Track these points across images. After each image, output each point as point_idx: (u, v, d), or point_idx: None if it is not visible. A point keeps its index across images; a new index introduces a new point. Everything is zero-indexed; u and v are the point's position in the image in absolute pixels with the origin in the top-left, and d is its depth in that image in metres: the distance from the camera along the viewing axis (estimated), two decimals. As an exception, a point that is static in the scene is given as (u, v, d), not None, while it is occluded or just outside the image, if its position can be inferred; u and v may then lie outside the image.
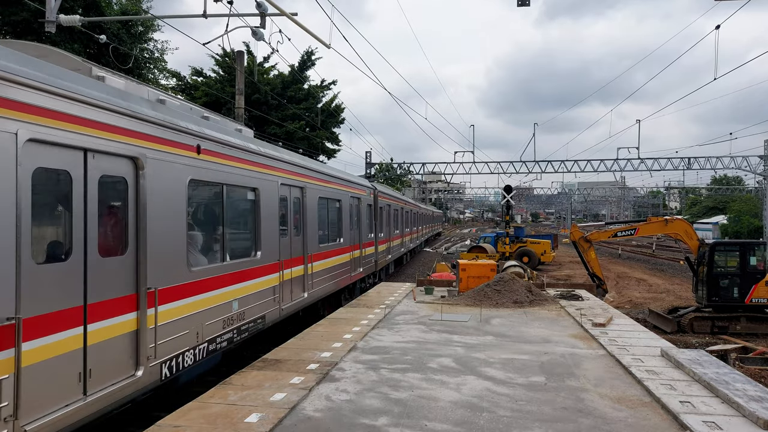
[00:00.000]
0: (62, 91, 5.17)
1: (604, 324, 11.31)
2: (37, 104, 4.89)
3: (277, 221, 10.63)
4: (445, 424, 6.00)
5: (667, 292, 25.55)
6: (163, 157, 6.78)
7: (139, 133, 6.31)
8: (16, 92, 4.68)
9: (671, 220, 20.29)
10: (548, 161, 47.39)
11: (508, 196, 31.33)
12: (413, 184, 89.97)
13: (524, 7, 16.23)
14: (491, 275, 15.61)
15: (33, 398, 4.81)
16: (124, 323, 6.11)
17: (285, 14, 13.08)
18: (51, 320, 5.06)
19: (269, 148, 10.82)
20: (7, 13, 20.40)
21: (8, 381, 4.53)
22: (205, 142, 7.82)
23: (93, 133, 5.57)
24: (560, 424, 6.05)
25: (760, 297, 16.82)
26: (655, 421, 6.17)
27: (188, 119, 7.62)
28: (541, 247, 35.90)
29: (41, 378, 4.92)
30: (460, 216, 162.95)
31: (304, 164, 12.62)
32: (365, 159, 47.84)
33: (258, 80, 32.00)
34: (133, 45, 24.03)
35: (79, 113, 5.39)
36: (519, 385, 7.40)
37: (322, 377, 7.60)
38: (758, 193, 58.12)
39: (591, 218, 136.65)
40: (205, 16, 13.35)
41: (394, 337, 10.24)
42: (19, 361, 4.65)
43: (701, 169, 45.66)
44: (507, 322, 11.93)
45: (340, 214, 15.76)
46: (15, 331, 4.61)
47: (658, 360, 8.60)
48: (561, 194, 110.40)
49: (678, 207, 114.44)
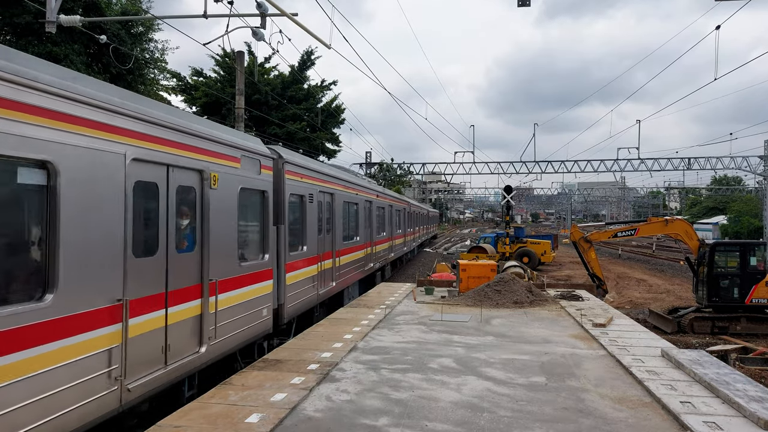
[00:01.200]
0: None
1: (604, 324, 11.32)
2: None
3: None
4: (445, 425, 6.00)
5: (668, 293, 25.55)
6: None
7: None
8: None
9: (671, 221, 20.29)
10: (548, 161, 47.42)
11: (508, 197, 31.32)
12: (413, 185, 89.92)
13: (524, 7, 16.25)
14: (491, 275, 15.61)
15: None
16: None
17: (285, 14, 13.08)
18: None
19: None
20: (8, 15, 20.40)
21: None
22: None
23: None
24: (561, 424, 6.06)
25: (760, 297, 16.83)
26: (656, 421, 6.17)
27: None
28: (542, 248, 35.90)
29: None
30: (460, 216, 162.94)
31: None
32: (365, 159, 47.87)
33: (258, 80, 32.01)
34: (133, 45, 24.02)
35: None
36: (519, 386, 7.41)
37: (323, 377, 7.60)
38: (758, 193, 58.13)
39: (591, 218, 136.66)
40: (206, 16, 13.35)
41: (395, 338, 10.24)
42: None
43: (701, 169, 45.70)
44: (507, 322, 11.93)
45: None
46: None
47: (658, 360, 8.61)
48: (561, 194, 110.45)
49: (678, 207, 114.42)
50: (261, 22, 13.44)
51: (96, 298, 5.47)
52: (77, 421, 5.17)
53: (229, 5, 13.20)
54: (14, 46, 19.78)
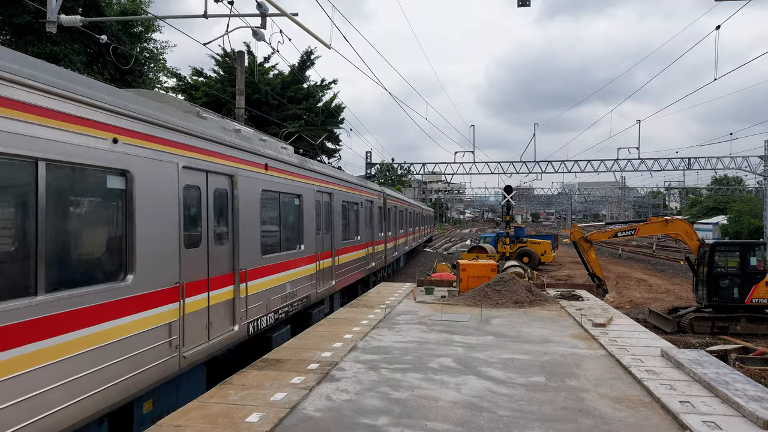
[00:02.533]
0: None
1: (604, 324, 11.32)
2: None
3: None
4: (445, 424, 6.01)
5: (668, 293, 25.54)
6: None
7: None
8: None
9: (671, 221, 20.28)
10: (548, 161, 47.48)
11: (509, 197, 31.34)
12: (413, 184, 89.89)
13: (524, 7, 16.25)
14: (491, 275, 15.62)
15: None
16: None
17: (286, 15, 13.09)
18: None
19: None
20: (8, 14, 20.40)
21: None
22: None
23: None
24: (560, 424, 6.06)
25: (760, 297, 16.82)
26: (655, 421, 6.17)
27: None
28: (542, 248, 35.89)
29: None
30: (461, 216, 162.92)
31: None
32: (365, 159, 47.90)
33: (258, 80, 32.00)
34: (133, 45, 24.02)
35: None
36: (519, 385, 7.41)
37: (323, 377, 7.61)
38: (758, 193, 58.14)
39: (591, 218, 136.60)
40: (206, 16, 13.35)
41: (395, 337, 10.24)
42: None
43: (701, 169, 45.77)
44: (507, 322, 11.94)
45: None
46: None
47: (658, 360, 8.61)
48: (561, 194, 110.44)
49: (678, 207, 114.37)
50: (261, 22, 13.44)
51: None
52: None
53: (229, 5, 13.20)
54: (14, 45, 19.79)
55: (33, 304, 4.82)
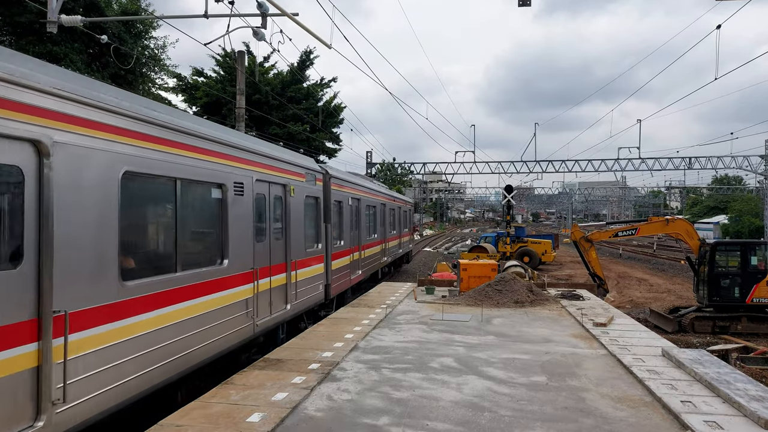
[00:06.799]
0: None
1: (605, 324, 11.32)
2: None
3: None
4: (446, 424, 6.01)
5: (668, 292, 25.53)
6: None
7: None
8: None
9: (672, 220, 20.27)
10: (549, 161, 47.43)
11: (509, 196, 31.32)
12: (414, 184, 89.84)
13: (525, 7, 16.23)
14: (492, 275, 15.61)
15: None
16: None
17: (286, 14, 13.09)
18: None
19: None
20: (9, 14, 20.41)
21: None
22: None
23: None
24: (561, 423, 6.06)
25: (761, 297, 16.82)
26: (657, 420, 6.17)
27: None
28: (542, 247, 35.88)
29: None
30: (461, 216, 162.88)
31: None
32: (366, 159, 47.88)
33: (258, 80, 31.99)
34: (134, 45, 24.01)
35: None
36: (520, 385, 7.41)
37: (324, 377, 7.61)
38: (759, 192, 58.11)
39: (592, 218, 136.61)
40: (206, 16, 13.35)
41: (396, 337, 10.24)
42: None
43: (702, 168, 45.71)
44: (508, 321, 11.93)
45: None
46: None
47: (659, 360, 8.61)
48: (562, 194, 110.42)
49: (679, 207, 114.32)
50: (262, 21, 13.44)
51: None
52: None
53: (229, 5, 13.21)
54: (14, 45, 19.79)
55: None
